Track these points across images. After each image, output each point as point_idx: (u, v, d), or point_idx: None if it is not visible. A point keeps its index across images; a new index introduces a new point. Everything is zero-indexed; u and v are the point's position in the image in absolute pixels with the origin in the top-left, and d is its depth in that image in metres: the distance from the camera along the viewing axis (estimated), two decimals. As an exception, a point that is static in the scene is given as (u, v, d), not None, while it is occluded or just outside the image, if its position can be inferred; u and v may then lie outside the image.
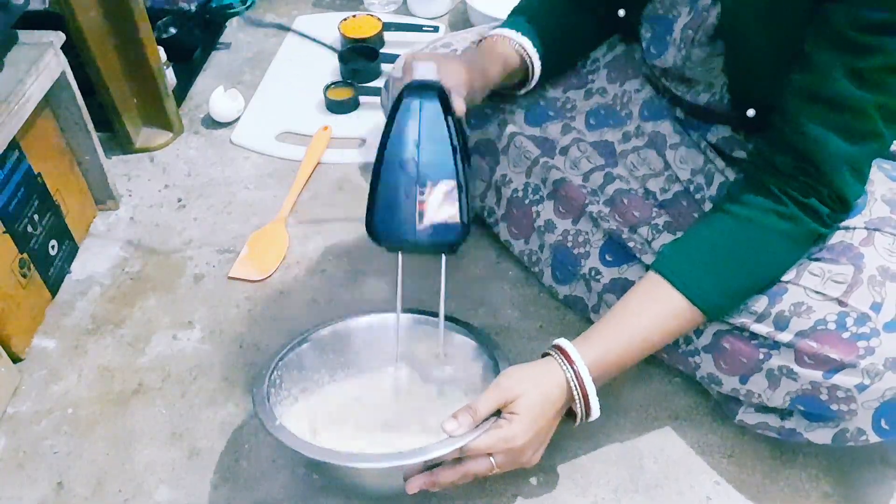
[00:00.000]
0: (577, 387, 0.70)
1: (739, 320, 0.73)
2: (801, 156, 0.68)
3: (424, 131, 0.75)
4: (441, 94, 0.75)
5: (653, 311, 0.72)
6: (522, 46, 0.86)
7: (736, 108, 0.80)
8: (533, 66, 0.87)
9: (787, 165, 0.69)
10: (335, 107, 1.28)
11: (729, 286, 0.72)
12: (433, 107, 0.75)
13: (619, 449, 0.83)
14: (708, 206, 0.84)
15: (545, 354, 0.74)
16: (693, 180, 0.86)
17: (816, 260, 0.72)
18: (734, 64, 0.77)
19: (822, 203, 0.69)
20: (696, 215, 0.85)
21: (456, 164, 0.75)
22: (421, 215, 0.75)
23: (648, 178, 0.88)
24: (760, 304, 0.72)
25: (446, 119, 0.74)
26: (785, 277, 0.72)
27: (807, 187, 0.69)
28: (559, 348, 0.72)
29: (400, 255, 0.79)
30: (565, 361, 0.70)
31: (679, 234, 0.82)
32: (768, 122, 0.73)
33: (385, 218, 0.76)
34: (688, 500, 0.79)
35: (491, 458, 0.69)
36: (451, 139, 0.74)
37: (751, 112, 0.78)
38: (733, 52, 0.76)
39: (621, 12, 0.87)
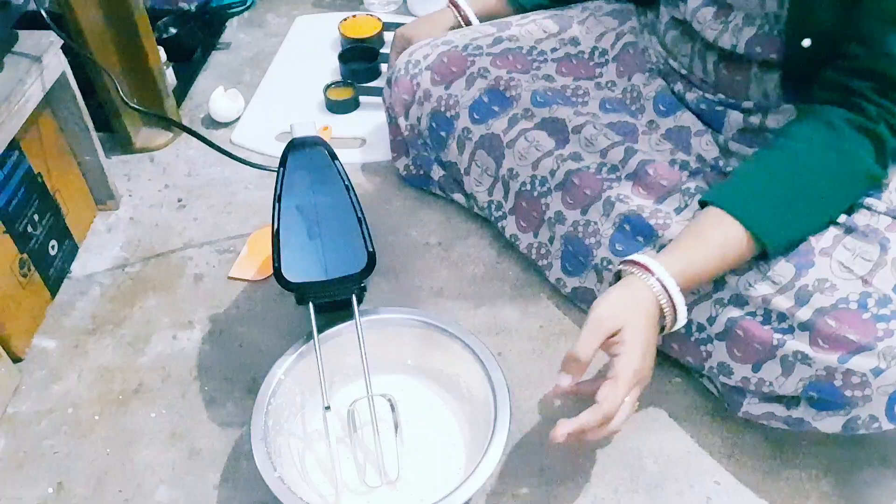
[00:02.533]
0: (667, 298, 0.70)
1: (761, 292, 0.73)
2: (883, 78, 0.69)
3: (316, 176, 0.81)
4: (323, 143, 0.82)
5: (718, 236, 0.72)
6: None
7: (790, 39, 0.77)
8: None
9: (867, 89, 0.69)
10: (335, 107, 1.28)
11: (788, 217, 0.72)
12: (320, 154, 0.82)
13: (619, 449, 0.83)
14: None
15: (618, 275, 0.74)
16: (721, 158, 0.85)
17: (851, 233, 0.74)
18: None
19: (893, 131, 0.70)
20: None
21: (351, 199, 0.81)
22: (327, 252, 0.78)
23: (676, 152, 0.88)
24: (786, 274, 0.72)
25: (334, 162, 0.81)
26: (818, 245, 0.73)
27: (881, 112, 0.69)
28: (639, 264, 0.72)
29: (311, 309, 0.80)
30: (649, 275, 0.70)
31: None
32: (835, 55, 0.72)
33: (293, 263, 0.79)
34: (688, 500, 0.79)
35: (628, 400, 0.69)
36: (343, 179, 0.81)
37: (806, 42, 0.76)
38: None
39: None
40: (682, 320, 0.72)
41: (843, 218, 0.75)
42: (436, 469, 0.79)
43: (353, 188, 0.82)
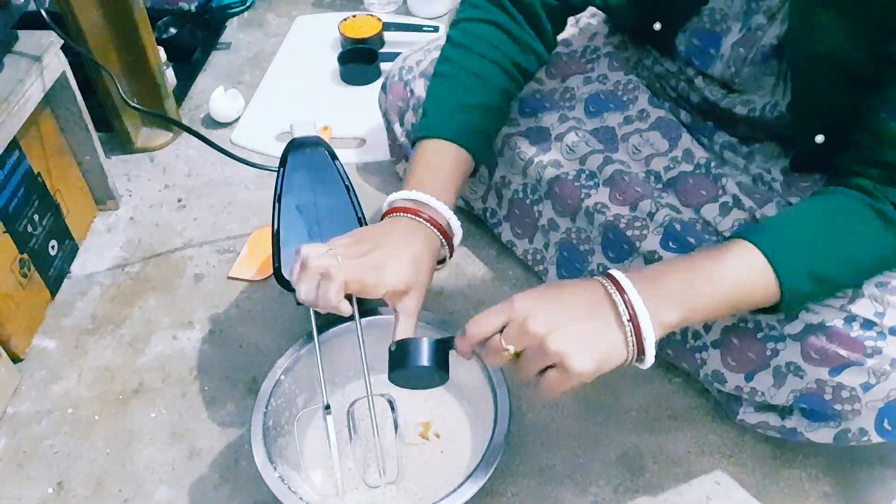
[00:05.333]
0: (622, 301, 0.60)
1: None
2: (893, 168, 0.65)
3: (316, 176, 0.81)
4: (323, 143, 0.81)
5: (724, 258, 0.63)
6: (443, 222, 0.73)
7: (799, 132, 0.76)
8: (452, 244, 0.75)
9: (883, 179, 0.66)
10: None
11: (810, 263, 0.64)
12: (320, 154, 0.82)
13: (619, 449, 0.83)
14: (725, 182, 0.81)
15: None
16: (710, 159, 0.84)
17: None
18: (801, 87, 0.73)
19: None
20: (704, 193, 0.82)
21: (351, 199, 0.80)
22: None
23: (653, 158, 0.86)
24: None
25: (334, 162, 0.81)
26: None
27: None
28: (612, 279, 0.62)
29: (311, 309, 0.79)
30: (606, 279, 0.61)
31: (682, 215, 0.81)
32: (845, 144, 0.69)
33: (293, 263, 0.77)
34: (688, 500, 0.79)
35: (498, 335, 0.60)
36: (343, 179, 0.80)
37: (819, 138, 0.73)
38: (801, 75, 0.72)
39: (657, 26, 0.84)
40: (649, 356, 0.61)
41: None
42: (436, 469, 0.79)
43: (353, 188, 0.82)
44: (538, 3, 0.82)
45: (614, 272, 0.61)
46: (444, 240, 0.73)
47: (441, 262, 0.75)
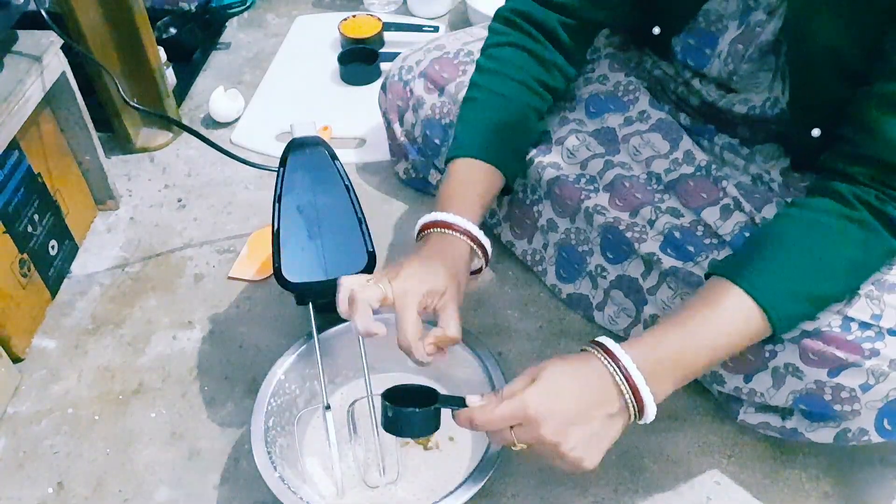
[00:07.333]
0: (624, 381, 0.62)
1: None
2: (883, 165, 0.65)
3: (316, 177, 0.82)
4: (323, 143, 0.82)
5: (716, 312, 0.65)
6: (470, 236, 0.75)
7: (797, 126, 0.76)
8: (486, 252, 0.77)
9: (865, 176, 0.66)
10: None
11: (797, 291, 0.66)
12: (320, 154, 0.83)
13: (619, 449, 0.83)
14: (726, 184, 0.81)
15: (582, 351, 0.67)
16: (711, 161, 0.84)
17: None
18: (799, 82, 0.73)
19: None
20: (704, 195, 0.82)
21: (351, 199, 0.81)
22: (327, 252, 0.78)
23: (653, 161, 0.86)
24: None
25: (334, 162, 0.82)
26: None
27: (885, 196, 0.65)
28: (598, 344, 0.64)
29: (311, 309, 0.79)
30: (604, 355, 0.63)
31: (683, 219, 0.81)
32: (835, 138, 0.70)
33: (294, 263, 0.78)
34: (688, 500, 0.79)
35: (511, 431, 0.61)
36: (343, 179, 0.81)
37: (816, 132, 0.74)
38: (799, 70, 0.72)
39: (656, 30, 0.84)
40: (650, 411, 0.63)
41: None
42: (436, 469, 0.79)
43: (353, 188, 0.82)
44: (557, 22, 0.84)
45: (618, 353, 0.62)
46: (475, 248, 0.75)
47: (477, 271, 0.78)
